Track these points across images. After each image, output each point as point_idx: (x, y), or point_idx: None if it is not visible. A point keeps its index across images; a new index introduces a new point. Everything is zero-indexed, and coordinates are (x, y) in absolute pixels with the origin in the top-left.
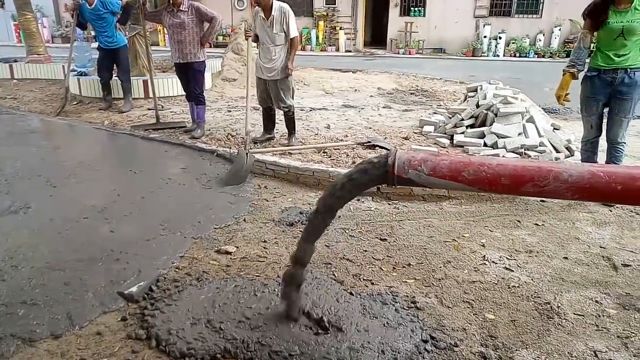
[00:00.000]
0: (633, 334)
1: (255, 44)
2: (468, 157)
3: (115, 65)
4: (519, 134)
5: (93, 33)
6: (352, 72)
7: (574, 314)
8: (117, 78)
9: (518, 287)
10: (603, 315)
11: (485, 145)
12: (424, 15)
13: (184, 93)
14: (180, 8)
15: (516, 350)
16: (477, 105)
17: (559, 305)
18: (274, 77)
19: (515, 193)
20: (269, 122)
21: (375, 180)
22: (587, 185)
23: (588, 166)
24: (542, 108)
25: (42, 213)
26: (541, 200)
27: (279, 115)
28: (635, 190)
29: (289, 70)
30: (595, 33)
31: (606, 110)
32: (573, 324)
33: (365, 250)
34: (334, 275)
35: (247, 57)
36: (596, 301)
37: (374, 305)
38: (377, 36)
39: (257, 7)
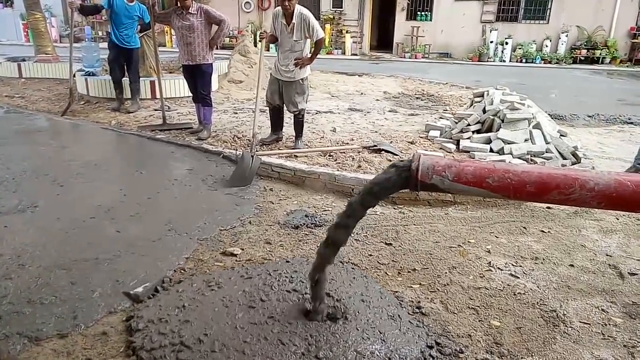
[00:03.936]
0: (639, 344)
1: (264, 43)
2: (492, 163)
3: (126, 65)
4: (526, 140)
5: (88, 30)
6: (358, 75)
7: (580, 322)
8: (126, 78)
9: (524, 294)
10: (609, 324)
11: (491, 151)
12: (430, 20)
13: (190, 94)
14: (190, 11)
15: (522, 357)
16: (484, 111)
17: (565, 313)
18: (291, 79)
19: (539, 200)
20: (277, 123)
21: (398, 185)
22: (614, 194)
23: (614, 175)
24: (549, 114)
25: (49, 212)
26: (547, 207)
27: (287, 117)
28: None
29: (301, 61)
30: None
31: None
32: (579, 333)
33: (371, 255)
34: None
35: (259, 60)
36: (602, 310)
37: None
38: (383, 40)
39: (275, 9)
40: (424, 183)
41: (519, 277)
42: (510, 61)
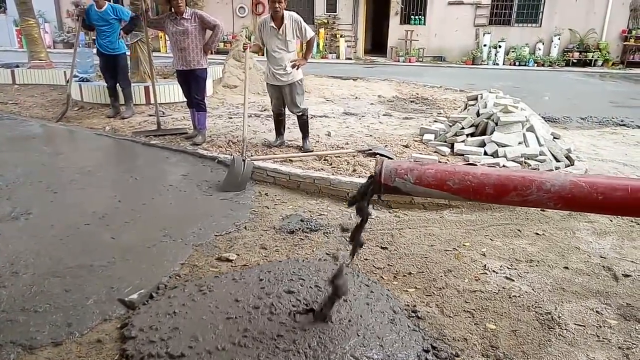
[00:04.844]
0: (634, 345)
1: (256, 54)
2: (453, 166)
3: (115, 71)
4: (519, 143)
5: (82, 36)
6: (353, 79)
7: (575, 324)
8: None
9: (519, 296)
10: (604, 326)
11: (485, 154)
12: (424, 24)
13: (185, 99)
14: (184, 16)
15: None
16: (478, 114)
17: (560, 315)
18: (290, 81)
19: (499, 202)
20: (280, 127)
21: (368, 190)
22: (569, 195)
23: (571, 176)
24: (542, 117)
25: (43, 219)
26: (541, 210)
27: (289, 123)
28: (616, 201)
29: (298, 62)
30: None
31: None
32: (574, 335)
33: (366, 259)
34: None
35: (245, 67)
36: (597, 311)
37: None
38: (377, 44)
39: (262, 17)
40: (387, 186)
41: (514, 280)
42: (503, 64)
